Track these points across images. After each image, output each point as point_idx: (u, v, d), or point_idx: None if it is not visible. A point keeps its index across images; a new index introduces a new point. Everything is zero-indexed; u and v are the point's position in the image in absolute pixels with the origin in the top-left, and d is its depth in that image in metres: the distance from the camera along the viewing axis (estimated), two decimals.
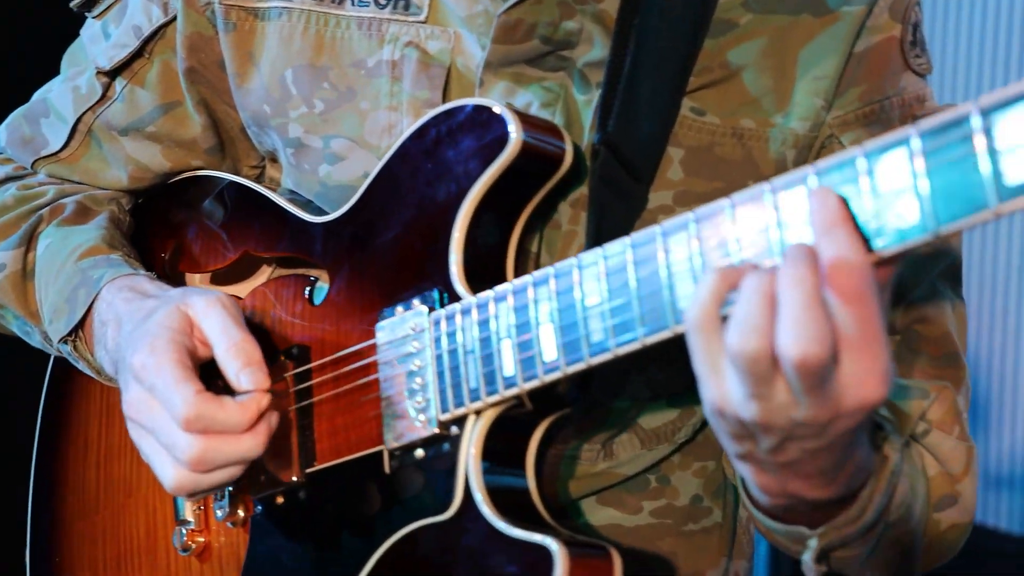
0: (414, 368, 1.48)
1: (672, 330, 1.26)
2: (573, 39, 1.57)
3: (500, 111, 1.47)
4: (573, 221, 1.57)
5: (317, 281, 1.65)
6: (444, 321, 1.46)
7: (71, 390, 1.89)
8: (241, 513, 1.66)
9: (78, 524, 1.86)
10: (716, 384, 1.20)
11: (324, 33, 1.65)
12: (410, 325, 1.48)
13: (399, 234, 1.54)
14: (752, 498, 1.42)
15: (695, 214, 1.24)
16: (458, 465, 1.43)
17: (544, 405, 1.45)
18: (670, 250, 1.26)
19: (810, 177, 1.17)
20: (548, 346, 1.36)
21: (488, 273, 1.49)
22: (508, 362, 1.39)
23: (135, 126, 1.82)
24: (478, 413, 1.43)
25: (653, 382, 1.65)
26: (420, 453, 1.48)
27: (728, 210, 1.22)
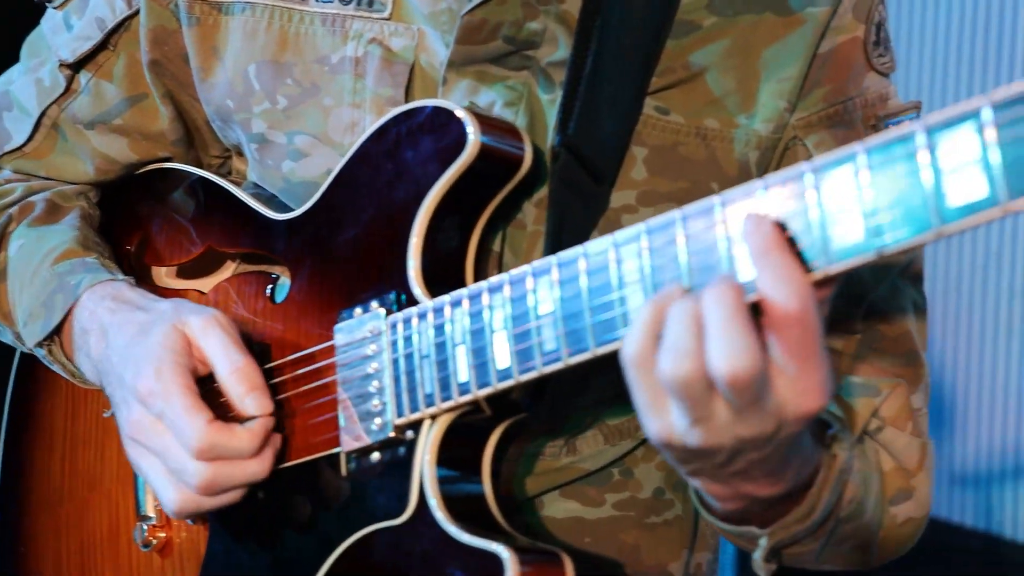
0: (371, 371, 1.47)
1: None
2: (537, 39, 1.55)
3: (460, 114, 1.46)
4: (537, 221, 1.57)
5: (279, 278, 1.64)
6: (401, 324, 1.45)
7: (38, 381, 1.89)
8: None
9: (43, 515, 1.86)
10: (659, 416, 1.20)
11: (288, 29, 1.63)
12: (368, 328, 1.48)
13: (359, 234, 1.53)
14: (706, 505, 1.42)
15: (647, 225, 1.24)
16: (413, 469, 1.43)
17: (500, 411, 1.45)
18: (622, 260, 1.25)
19: (758, 191, 1.16)
20: (501, 353, 1.35)
21: (447, 276, 1.48)
22: (463, 368, 1.38)
23: (101, 119, 1.81)
24: (434, 418, 1.43)
25: (616, 382, 1.64)
26: (376, 456, 1.48)
27: (679, 222, 1.21)
